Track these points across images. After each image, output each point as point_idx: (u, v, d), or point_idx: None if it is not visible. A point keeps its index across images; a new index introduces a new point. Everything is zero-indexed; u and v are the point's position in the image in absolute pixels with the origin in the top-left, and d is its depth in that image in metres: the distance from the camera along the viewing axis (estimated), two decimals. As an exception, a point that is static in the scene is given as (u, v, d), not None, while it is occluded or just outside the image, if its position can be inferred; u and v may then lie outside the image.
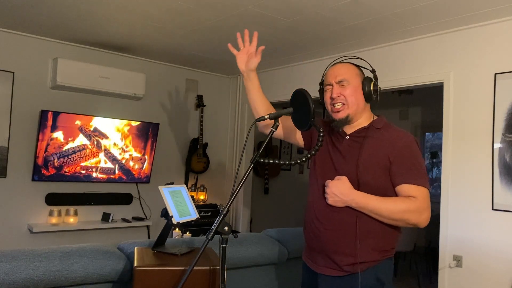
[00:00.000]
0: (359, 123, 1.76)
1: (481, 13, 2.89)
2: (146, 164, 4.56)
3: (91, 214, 4.33)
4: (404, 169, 1.64)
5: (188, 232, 3.22)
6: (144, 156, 4.53)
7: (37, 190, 4.02)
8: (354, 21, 3.16)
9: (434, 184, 6.18)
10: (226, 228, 1.44)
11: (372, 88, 1.73)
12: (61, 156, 4.02)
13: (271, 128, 1.62)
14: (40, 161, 3.92)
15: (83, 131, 4.13)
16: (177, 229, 3.07)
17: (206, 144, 5.04)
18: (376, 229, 1.66)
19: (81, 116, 4.10)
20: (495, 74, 2.97)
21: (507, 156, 2.87)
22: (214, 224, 1.45)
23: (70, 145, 4.06)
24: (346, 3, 2.82)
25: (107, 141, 4.29)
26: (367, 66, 1.81)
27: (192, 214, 1.97)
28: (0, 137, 3.80)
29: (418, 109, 6.27)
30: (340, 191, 1.64)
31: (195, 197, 4.86)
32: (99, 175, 4.28)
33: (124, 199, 4.54)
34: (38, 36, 3.99)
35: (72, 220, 4.11)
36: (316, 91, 1.87)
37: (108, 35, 3.86)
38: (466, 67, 3.15)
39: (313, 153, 1.61)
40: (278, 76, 4.73)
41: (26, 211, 3.96)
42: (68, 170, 4.08)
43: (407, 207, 1.61)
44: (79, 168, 4.14)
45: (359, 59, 1.87)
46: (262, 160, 1.56)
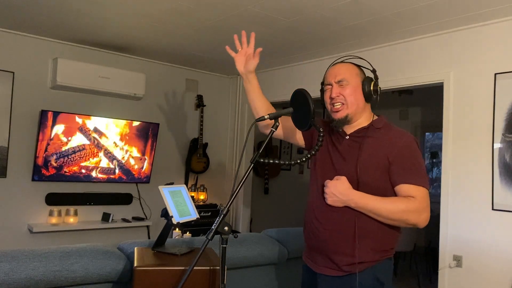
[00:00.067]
0: (359, 123, 1.75)
1: (481, 13, 2.89)
2: (146, 164, 4.56)
3: (91, 214, 4.33)
4: (403, 169, 1.64)
5: (188, 232, 3.22)
6: (144, 156, 4.53)
7: (37, 190, 4.02)
8: (354, 21, 3.16)
9: (434, 184, 6.19)
10: (226, 228, 1.45)
11: (372, 88, 1.72)
12: (61, 156, 4.02)
13: (271, 128, 1.62)
14: (40, 161, 3.92)
15: (83, 131, 4.13)
16: (177, 229, 3.07)
17: (206, 144, 5.04)
18: (375, 229, 1.65)
19: (81, 116, 4.11)
20: (495, 74, 2.97)
21: (507, 156, 2.87)
22: (214, 224, 1.45)
23: (70, 145, 4.06)
24: (346, 3, 2.82)
25: (107, 141, 4.29)
26: (368, 66, 1.81)
27: (192, 214, 1.97)
28: (0, 137, 3.80)
29: (418, 109, 6.27)
30: (339, 191, 1.64)
31: (195, 197, 4.86)
32: (99, 175, 4.28)
33: (124, 199, 4.54)
34: (38, 36, 3.99)
35: (72, 220, 4.11)
36: (316, 91, 1.87)
37: (108, 35, 3.86)
38: (466, 67, 3.15)
39: (313, 153, 1.61)
40: (278, 76, 4.73)
41: (26, 211, 3.96)
42: (68, 170, 4.08)
43: (406, 207, 1.61)
44: (79, 168, 4.14)
45: (360, 59, 1.87)
46: (262, 160, 1.56)
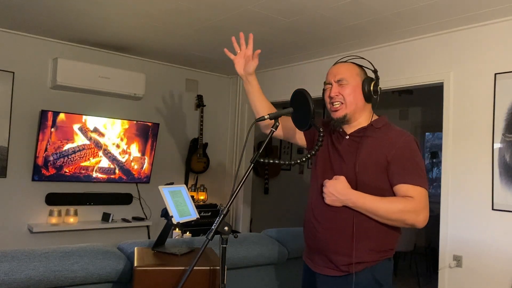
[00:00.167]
0: (359, 123, 1.75)
1: (481, 13, 2.89)
2: (146, 164, 4.56)
3: (91, 214, 4.33)
4: (402, 169, 1.64)
5: (188, 232, 3.22)
6: (144, 156, 4.53)
7: (37, 190, 4.02)
8: (354, 21, 3.16)
9: (434, 184, 6.19)
10: (226, 228, 1.45)
11: (372, 89, 1.72)
12: (61, 156, 4.03)
13: (271, 128, 1.62)
14: (40, 161, 3.92)
15: (83, 131, 4.13)
16: (177, 229, 3.07)
17: (206, 144, 5.04)
18: (374, 229, 1.65)
19: (81, 116, 4.10)
20: (495, 74, 2.97)
21: (507, 156, 2.87)
22: (214, 224, 1.45)
23: (70, 145, 4.06)
24: (346, 3, 2.82)
25: (107, 141, 4.29)
26: (370, 66, 1.80)
27: (192, 214, 1.97)
28: (0, 137, 3.80)
29: (418, 109, 6.27)
30: (337, 191, 1.64)
31: (195, 197, 4.86)
32: (99, 175, 4.28)
33: (124, 199, 4.54)
34: (38, 36, 3.99)
35: (72, 220, 4.11)
36: (316, 91, 1.87)
37: (108, 35, 3.86)
38: (466, 67, 3.15)
39: (313, 153, 1.61)
40: (278, 76, 4.73)
41: (26, 211, 3.96)
42: (68, 170, 4.08)
43: (404, 207, 1.60)
44: (79, 168, 4.14)
45: (362, 59, 1.86)
46: (262, 160, 1.56)
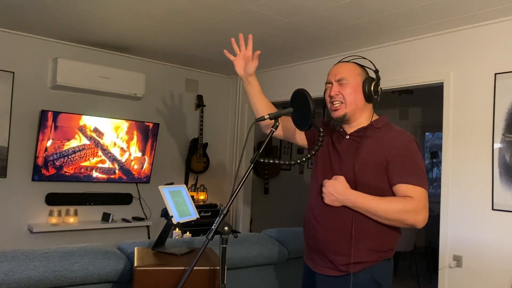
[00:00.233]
0: (359, 123, 1.75)
1: (481, 13, 2.89)
2: (146, 164, 4.56)
3: (91, 214, 4.33)
4: (401, 169, 1.63)
5: (188, 232, 3.22)
6: (144, 156, 4.53)
7: (37, 190, 4.02)
8: (354, 21, 3.16)
9: (434, 184, 6.19)
10: (226, 228, 1.45)
11: (373, 89, 1.72)
12: (61, 156, 4.02)
13: (271, 128, 1.62)
14: (40, 161, 3.92)
15: (83, 131, 4.13)
16: (177, 229, 3.07)
17: (206, 144, 5.04)
18: (373, 230, 1.65)
19: (81, 116, 4.10)
20: (495, 74, 2.97)
21: (507, 156, 2.87)
22: (214, 224, 1.45)
23: (70, 145, 4.06)
24: (346, 3, 2.82)
25: (107, 141, 4.29)
26: (371, 66, 1.80)
27: (192, 214, 1.97)
28: (0, 137, 3.80)
29: (418, 109, 6.27)
30: (336, 191, 1.64)
31: (195, 197, 4.86)
32: (99, 175, 4.28)
33: (124, 199, 4.54)
34: (38, 36, 3.99)
35: (72, 220, 4.11)
36: (316, 91, 1.87)
37: (108, 35, 3.86)
38: (466, 67, 3.15)
39: (313, 153, 1.61)
40: (278, 76, 4.73)
41: (26, 211, 3.96)
42: (68, 170, 4.08)
43: (403, 207, 1.60)
44: (79, 168, 4.14)
45: (364, 59, 1.86)
46: (262, 160, 1.56)
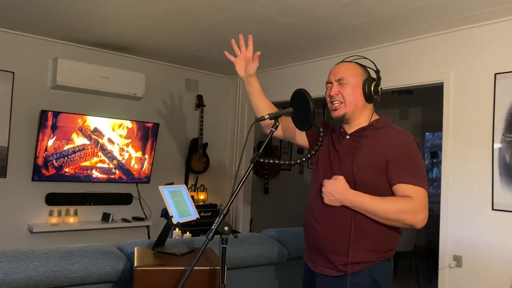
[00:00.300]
0: (359, 123, 1.75)
1: (481, 13, 2.89)
2: (146, 164, 4.56)
3: (91, 214, 4.33)
4: (401, 169, 1.63)
5: (188, 232, 3.22)
6: (144, 156, 4.53)
7: (37, 190, 4.01)
8: (354, 21, 3.16)
9: (434, 184, 6.19)
10: (226, 228, 1.45)
11: (373, 89, 1.72)
12: (61, 156, 4.02)
13: (271, 128, 1.62)
14: (40, 161, 3.92)
15: (83, 131, 4.13)
16: (177, 229, 3.07)
17: (206, 144, 5.04)
18: (373, 230, 1.64)
19: (81, 116, 4.10)
20: (495, 74, 2.97)
21: (507, 156, 2.87)
22: (214, 224, 1.45)
23: (70, 145, 4.06)
24: (346, 3, 2.82)
25: (107, 141, 4.29)
26: (373, 67, 1.80)
27: (192, 214, 1.97)
28: (0, 137, 3.80)
29: (418, 109, 6.27)
30: (336, 190, 1.64)
31: (195, 197, 4.86)
32: (99, 175, 4.28)
33: (124, 199, 4.54)
34: (38, 36, 3.99)
35: (72, 220, 4.11)
36: (316, 91, 1.87)
37: (108, 35, 3.86)
38: (466, 67, 3.15)
39: (313, 153, 1.61)
40: (278, 76, 4.73)
41: (26, 211, 3.96)
42: (68, 170, 4.08)
43: (402, 207, 1.60)
44: (79, 168, 4.14)
45: (365, 59, 1.85)
46: (262, 160, 1.56)
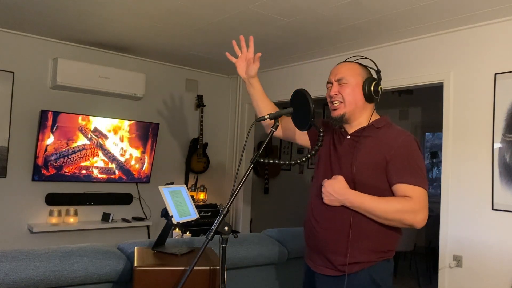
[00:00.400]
0: (360, 123, 1.75)
1: (481, 13, 2.89)
2: (146, 164, 4.56)
3: (91, 214, 4.33)
4: (401, 169, 1.63)
5: (188, 232, 3.22)
6: (144, 156, 4.53)
7: (37, 190, 4.01)
8: (354, 21, 3.16)
9: (434, 184, 6.19)
10: (226, 228, 1.45)
11: (373, 89, 1.72)
12: (61, 156, 4.02)
13: (271, 128, 1.62)
14: (40, 161, 3.92)
15: (83, 131, 4.13)
16: (177, 229, 3.06)
17: (206, 144, 5.04)
18: (372, 230, 1.64)
19: (81, 116, 4.11)
20: (495, 74, 2.97)
21: (507, 156, 2.87)
22: (214, 224, 1.45)
23: (70, 145, 4.06)
24: (346, 3, 2.82)
25: (107, 141, 4.29)
26: (373, 66, 1.80)
27: (192, 214, 1.97)
28: (0, 137, 3.80)
29: (418, 109, 6.27)
30: (335, 190, 1.64)
31: (195, 197, 4.86)
32: (99, 175, 4.28)
33: (124, 199, 4.54)
34: (38, 36, 3.99)
35: (72, 220, 4.11)
36: (316, 91, 1.87)
37: (108, 35, 3.86)
38: (466, 67, 3.15)
39: (313, 153, 1.61)
40: (278, 76, 4.73)
41: (26, 211, 3.96)
42: (68, 170, 4.08)
43: (402, 207, 1.60)
44: (79, 168, 4.14)
45: (366, 59, 1.85)
46: (262, 160, 1.56)
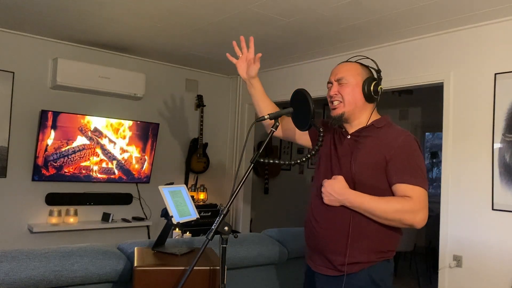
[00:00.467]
0: (360, 123, 1.75)
1: (481, 13, 2.89)
2: (146, 164, 4.56)
3: (91, 214, 4.33)
4: (401, 168, 1.62)
5: (188, 232, 3.22)
6: (144, 156, 4.53)
7: (37, 190, 4.01)
8: (354, 21, 3.16)
9: (434, 184, 6.19)
10: (226, 228, 1.45)
11: (372, 88, 1.72)
12: (61, 156, 4.02)
13: (271, 128, 1.63)
14: (40, 161, 3.92)
15: (83, 131, 4.13)
16: (177, 229, 3.06)
17: (206, 144, 5.04)
18: (372, 230, 1.64)
19: (81, 116, 4.10)
20: (495, 74, 2.97)
21: (507, 156, 2.87)
22: (214, 224, 1.45)
23: (70, 145, 4.06)
24: (346, 3, 2.82)
25: (107, 141, 4.29)
26: (374, 66, 1.80)
27: (192, 214, 1.97)
28: (0, 137, 3.80)
29: (418, 109, 6.27)
30: (335, 190, 1.64)
31: (195, 197, 4.86)
32: (99, 175, 4.28)
33: (124, 199, 4.54)
34: (38, 36, 3.99)
35: (72, 220, 4.11)
36: (316, 91, 1.87)
37: (108, 35, 3.86)
38: (466, 67, 3.15)
39: (313, 153, 1.61)
40: (278, 76, 4.73)
41: (26, 211, 3.96)
42: (68, 170, 4.08)
43: (401, 207, 1.59)
44: (79, 168, 4.14)
45: (367, 59, 1.85)
46: (262, 160, 1.56)
